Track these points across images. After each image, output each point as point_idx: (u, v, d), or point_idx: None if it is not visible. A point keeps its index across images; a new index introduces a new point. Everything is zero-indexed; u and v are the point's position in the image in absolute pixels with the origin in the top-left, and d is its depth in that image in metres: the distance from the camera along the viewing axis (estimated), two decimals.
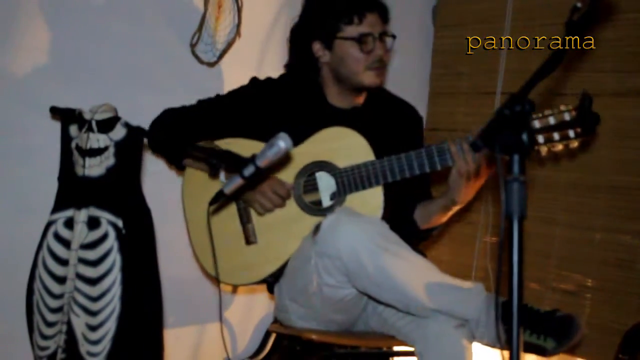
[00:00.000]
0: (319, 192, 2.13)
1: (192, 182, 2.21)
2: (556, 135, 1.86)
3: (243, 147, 2.03)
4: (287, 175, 2.13)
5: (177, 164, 2.22)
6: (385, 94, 2.35)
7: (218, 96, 2.23)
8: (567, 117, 1.84)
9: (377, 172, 2.04)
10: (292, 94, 2.21)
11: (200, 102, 2.23)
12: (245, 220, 2.14)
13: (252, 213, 2.15)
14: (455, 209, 2.12)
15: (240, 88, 2.23)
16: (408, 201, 2.24)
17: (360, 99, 2.23)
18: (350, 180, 2.07)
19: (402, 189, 2.14)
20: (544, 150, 1.89)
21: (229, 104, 2.19)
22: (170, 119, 2.18)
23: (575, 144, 1.88)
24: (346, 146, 2.08)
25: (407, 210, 2.24)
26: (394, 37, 2.16)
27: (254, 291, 2.85)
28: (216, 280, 2.03)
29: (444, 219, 2.21)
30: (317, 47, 2.16)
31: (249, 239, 2.13)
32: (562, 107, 1.87)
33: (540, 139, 1.87)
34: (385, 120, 2.25)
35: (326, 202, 2.13)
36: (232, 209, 2.16)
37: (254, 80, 2.24)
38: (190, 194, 2.21)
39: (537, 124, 1.87)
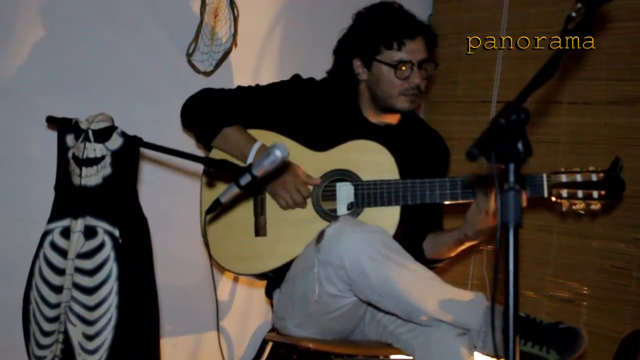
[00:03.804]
0: (336, 200, 2.14)
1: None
2: (580, 193, 1.91)
3: (272, 141, 2.00)
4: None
5: (206, 142, 2.21)
6: (418, 120, 2.38)
7: (258, 86, 2.24)
8: (594, 178, 1.91)
9: (399, 192, 2.06)
10: (330, 99, 2.22)
11: (239, 87, 2.24)
12: (259, 211, 2.15)
13: (267, 206, 2.15)
14: (467, 244, 2.12)
15: (281, 82, 2.25)
16: (419, 227, 2.25)
17: (394, 119, 2.25)
18: (370, 195, 2.08)
19: (416, 214, 2.16)
20: (565, 204, 1.94)
21: (267, 96, 2.20)
22: (208, 98, 2.18)
23: (597, 206, 1.92)
24: (374, 161, 2.10)
25: (417, 236, 2.24)
26: (435, 65, 2.17)
27: (251, 298, 2.85)
28: (220, 267, 2.11)
29: (453, 253, 2.21)
30: (357, 64, 2.19)
31: (259, 231, 2.14)
32: (591, 168, 1.93)
33: (564, 193, 1.92)
34: (415, 144, 2.27)
35: (342, 210, 2.14)
36: (249, 199, 2.17)
37: (295, 77, 2.26)
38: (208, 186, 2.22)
39: (563, 178, 1.91)
